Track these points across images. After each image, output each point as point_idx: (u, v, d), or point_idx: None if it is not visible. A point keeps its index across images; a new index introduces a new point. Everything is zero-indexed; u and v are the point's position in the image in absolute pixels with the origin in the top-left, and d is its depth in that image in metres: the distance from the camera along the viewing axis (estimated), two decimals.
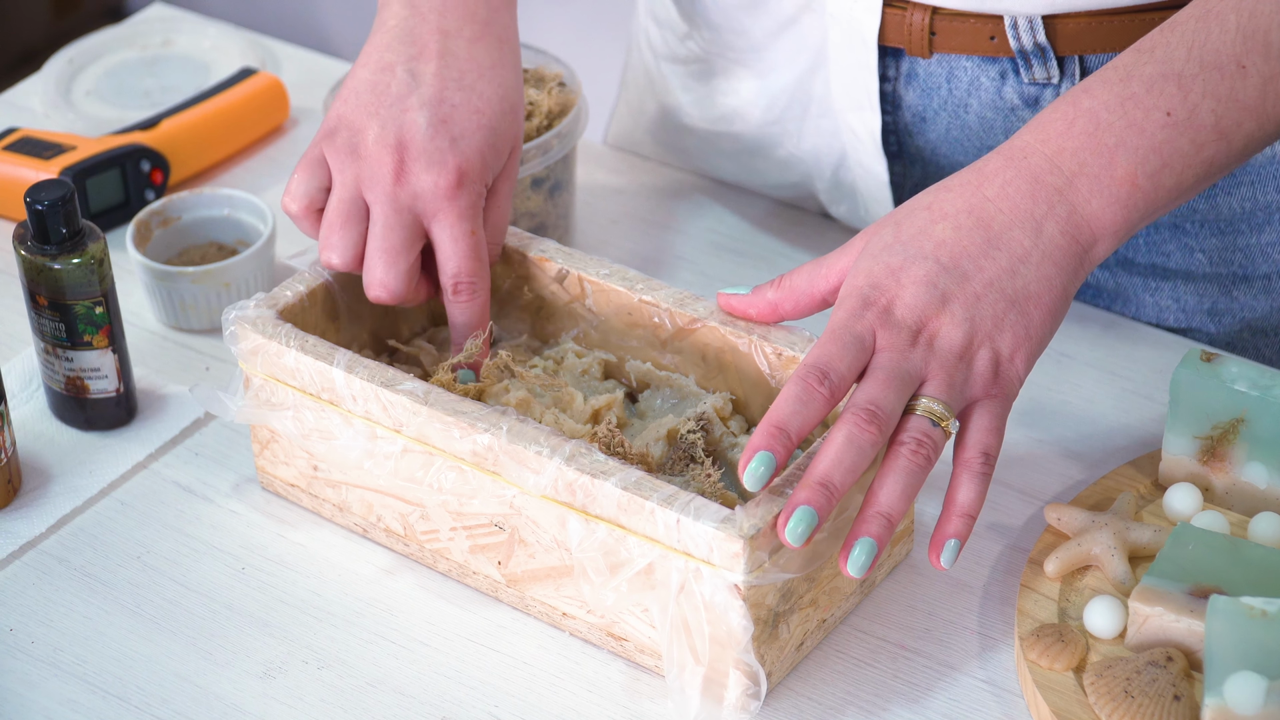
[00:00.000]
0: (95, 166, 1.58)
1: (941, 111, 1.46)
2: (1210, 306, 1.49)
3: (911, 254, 1.19)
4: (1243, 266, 1.48)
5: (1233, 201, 1.45)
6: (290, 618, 1.28)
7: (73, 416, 1.42)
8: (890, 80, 1.47)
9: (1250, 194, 1.44)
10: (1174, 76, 1.21)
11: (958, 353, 1.18)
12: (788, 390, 1.15)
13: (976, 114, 1.45)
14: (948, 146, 1.48)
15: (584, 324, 1.37)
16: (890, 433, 1.16)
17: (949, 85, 1.45)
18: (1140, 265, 1.49)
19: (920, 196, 1.23)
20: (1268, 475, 1.27)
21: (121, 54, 1.79)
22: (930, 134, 1.48)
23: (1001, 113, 1.44)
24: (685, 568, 1.17)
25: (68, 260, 1.35)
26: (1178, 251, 1.48)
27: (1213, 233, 1.46)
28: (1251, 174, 1.43)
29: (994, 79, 1.43)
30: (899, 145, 1.50)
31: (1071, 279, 1.21)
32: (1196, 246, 1.47)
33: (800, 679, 1.23)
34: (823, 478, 1.13)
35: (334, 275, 1.35)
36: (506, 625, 1.27)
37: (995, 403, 1.19)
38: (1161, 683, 1.16)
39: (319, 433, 1.31)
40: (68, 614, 1.29)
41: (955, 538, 1.17)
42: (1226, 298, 1.49)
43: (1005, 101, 1.44)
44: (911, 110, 1.47)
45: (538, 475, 1.20)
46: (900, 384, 1.16)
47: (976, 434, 1.18)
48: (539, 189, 1.51)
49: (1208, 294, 1.49)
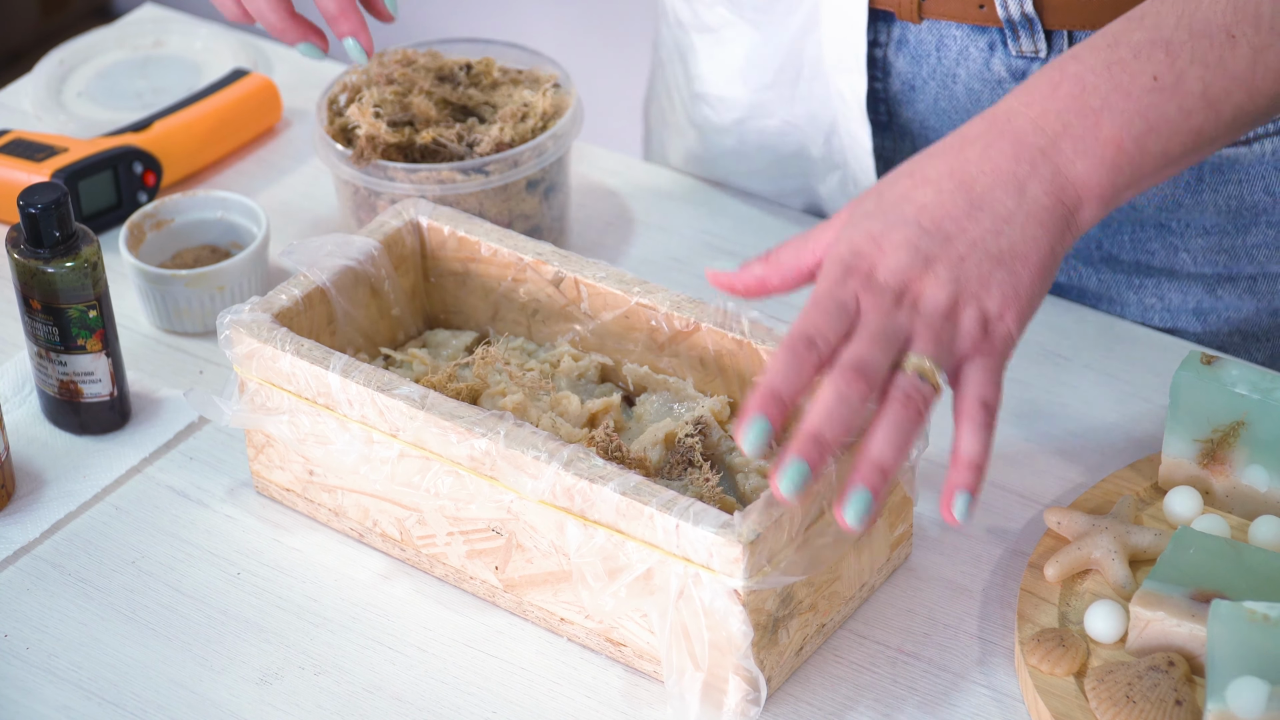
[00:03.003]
0: (87, 169, 1.58)
1: (930, 80, 1.46)
2: (1195, 306, 1.49)
3: (893, 220, 1.19)
4: (1228, 267, 1.48)
5: (1219, 199, 1.45)
6: (286, 623, 1.28)
7: (66, 421, 1.41)
8: (882, 46, 1.47)
9: (1236, 193, 1.44)
10: (1162, 43, 1.21)
11: (943, 312, 1.17)
12: (775, 358, 1.14)
13: (964, 85, 1.45)
14: (936, 118, 1.48)
15: (580, 327, 1.37)
16: (878, 388, 1.15)
17: (938, 54, 1.45)
18: (1125, 263, 1.49)
19: (903, 165, 1.23)
20: (1268, 478, 1.27)
21: (113, 55, 1.78)
22: (919, 104, 1.48)
23: (989, 85, 1.44)
24: (684, 573, 1.17)
25: (61, 264, 1.35)
26: (1163, 250, 1.48)
27: (1199, 232, 1.46)
28: (1239, 172, 1.43)
29: (982, 49, 1.44)
30: (889, 115, 1.50)
31: (1058, 240, 1.20)
32: (1182, 246, 1.47)
33: (800, 684, 1.23)
34: (813, 431, 1.12)
35: (330, 279, 1.35)
36: (504, 630, 1.27)
37: (988, 359, 1.18)
38: (1163, 687, 1.16)
39: (314, 437, 1.30)
40: (62, 620, 1.29)
41: (964, 489, 1.16)
42: (1212, 297, 1.49)
43: (993, 74, 1.44)
44: (901, 78, 1.48)
45: (535, 480, 1.20)
46: (885, 343, 1.15)
47: (972, 387, 1.17)
48: (534, 191, 1.51)
49: (1192, 293, 1.49)
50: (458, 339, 1.41)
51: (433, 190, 1.47)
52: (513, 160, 1.48)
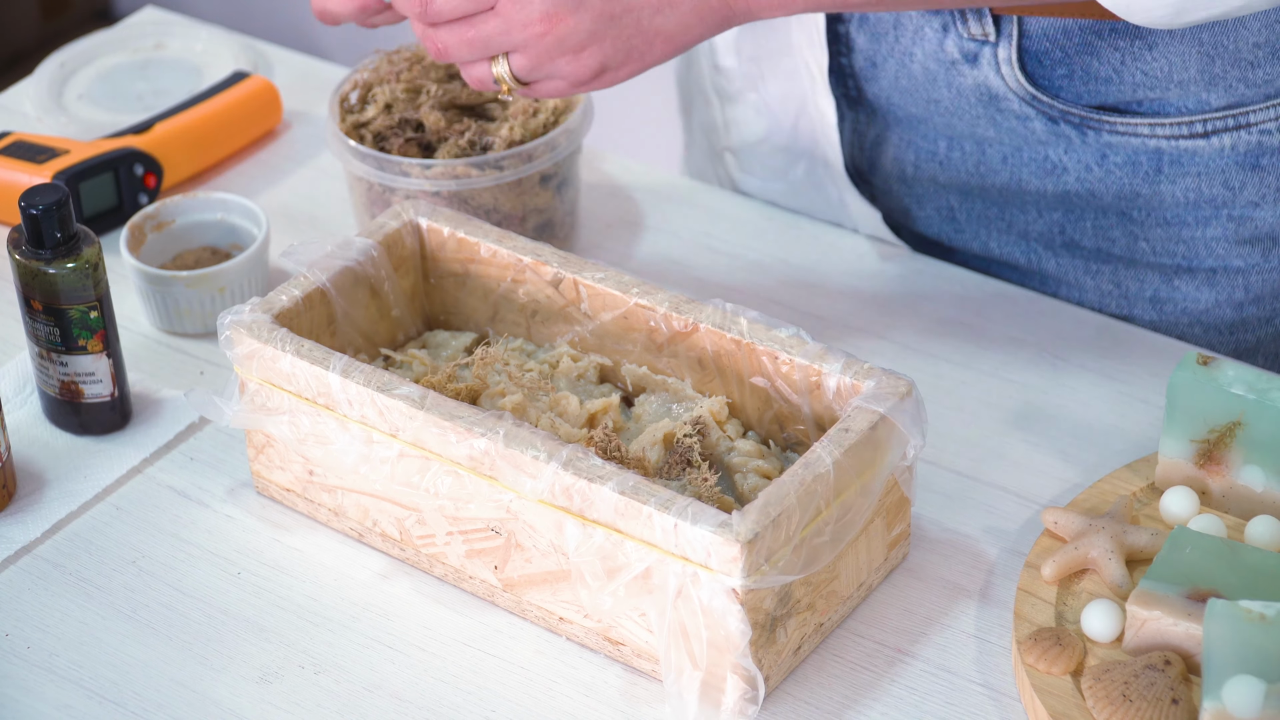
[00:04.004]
0: (88, 170, 1.58)
1: (889, 58, 1.48)
2: (1152, 294, 1.50)
3: None
4: (1186, 259, 1.48)
5: (1176, 190, 1.45)
6: (286, 622, 1.28)
7: (67, 421, 1.41)
8: (845, 21, 1.49)
9: (1195, 185, 1.45)
10: None
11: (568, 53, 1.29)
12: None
13: (920, 64, 1.46)
14: (899, 96, 1.49)
15: (579, 328, 1.37)
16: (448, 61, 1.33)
17: (895, 32, 1.47)
18: (1086, 249, 1.50)
19: None
20: (1265, 478, 1.27)
21: (114, 57, 1.79)
22: (882, 80, 1.50)
23: (944, 65, 1.45)
24: (683, 572, 1.17)
25: (62, 265, 1.35)
26: (1123, 238, 1.49)
27: (1158, 222, 1.47)
28: (1197, 165, 1.44)
29: (936, 30, 1.45)
30: (858, 91, 1.52)
31: (707, 34, 1.30)
32: (1141, 235, 1.48)
33: (798, 683, 1.23)
34: None
35: (330, 280, 1.35)
36: (503, 630, 1.27)
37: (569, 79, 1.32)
38: (1159, 686, 1.16)
39: (315, 437, 1.30)
40: (63, 619, 1.29)
41: None
42: (1168, 286, 1.50)
43: (946, 55, 1.45)
44: (863, 55, 1.49)
45: (534, 480, 1.20)
46: (483, 48, 1.30)
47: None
48: (547, 185, 1.51)
49: (1149, 281, 1.50)
50: (457, 340, 1.41)
51: (447, 185, 1.47)
52: (526, 155, 1.49)
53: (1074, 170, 1.47)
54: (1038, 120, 1.45)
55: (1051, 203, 1.49)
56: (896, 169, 1.54)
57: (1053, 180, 1.48)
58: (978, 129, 1.48)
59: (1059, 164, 1.47)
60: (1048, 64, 1.43)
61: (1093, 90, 1.43)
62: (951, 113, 1.47)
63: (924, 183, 1.53)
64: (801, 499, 1.17)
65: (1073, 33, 1.41)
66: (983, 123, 1.47)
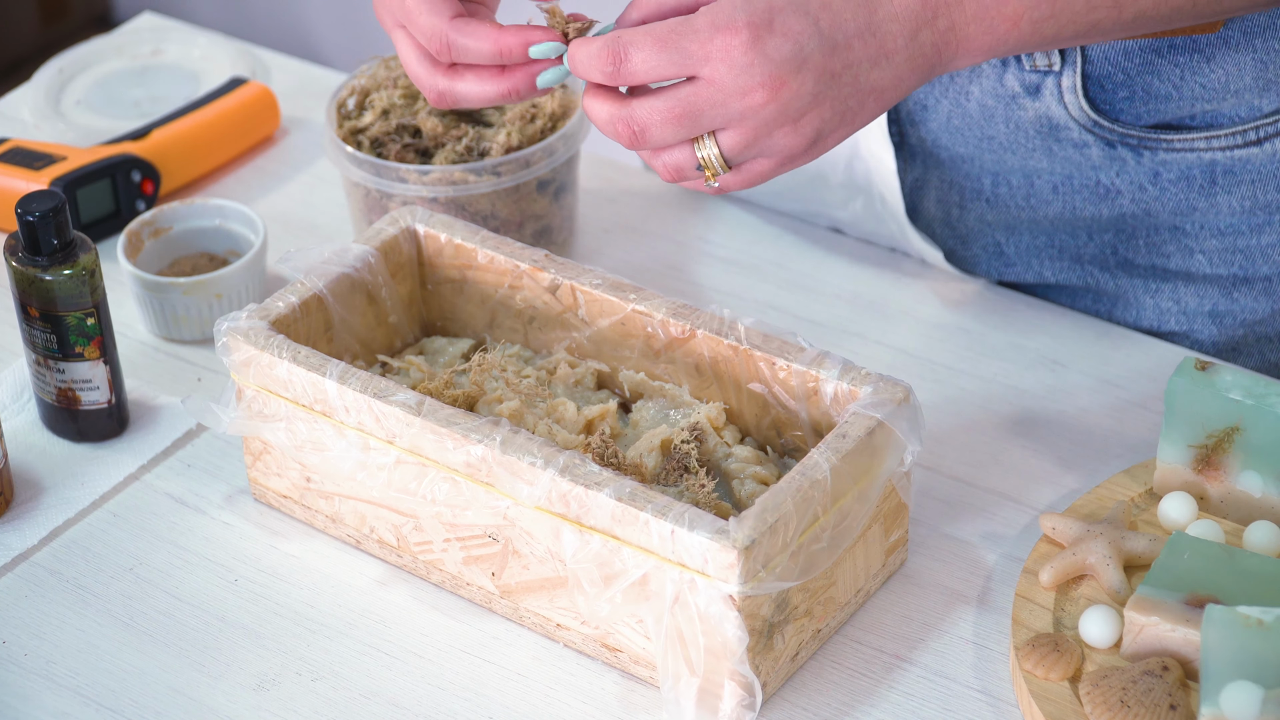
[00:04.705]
0: (86, 177, 1.58)
1: (943, 99, 1.46)
2: (1211, 309, 1.49)
3: (798, 2, 1.19)
4: (1243, 268, 1.48)
5: (1232, 200, 1.45)
6: (283, 629, 1.28)
7: (64, 428, 1.41)
8: None
9: (1250, 193, 1.44)
10: None
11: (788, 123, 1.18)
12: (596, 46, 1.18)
13: (978, 101, 1.45)
14: (948, 136, 1.48)
15: (577, 334, 1.37)
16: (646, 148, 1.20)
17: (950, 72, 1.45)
18: (1140, 267, 1.49)
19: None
20: (1263, 484, 1.27)
21: (111, 64, 1.79)
22: (931, 123, 1.48)
23: (1003, 100, 1.44)
24: (680, 579, 1.17)
25: (59, 271, 1.35)
26: (1177, 253, 1.48)
27: (1212, 233, 1.46)
28: (1251, 172, 1.43)
29: (995, 65, 1.43)
30: (900, 136, 1.50)
31: (915, 86, 1.23)
32: (1196, 247, 1.47)
33: (795, 690, 1.23)
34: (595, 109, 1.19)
35: (327, 286, 1.35)
36: (500, 636, 1.27)
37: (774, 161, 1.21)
38: (1157, 692, 1.16)
39: (312, 444, 1.30)
40: (60, 626, 1.29)
41: None
42: (1227, 299, 1.49)
43: (1006, 89, 1.44)
44: (913, 97, 1.48)
45: (531, 486, 1.20)
46: (690, 125, 1.18)
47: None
48: (544, 191, 1.51)
49: (1208, 296, 1.49)
50: (454, 346, 1.41)
51: (445, 192, 1.47)
52: (524, 161, 1.49)
53: (1127, 192, 1.45)
54: (1095, 146, 1.44)
55: (1104, 225, 1.48)
56: (941, 211, 1.53)
57: (1107, 205, 1.46)
58: (1030, 161, 1.46)
59: (1111, 187, 1.46)
60: (1109, 87, 1.42)
61: (1152, 109, 1.42)
62: (1005, 148, 1.46)
63: (969, 223, 1.52)
64: (799, 505, 1.17)
65: (1133, 53, 1.40)
66: (1037, 154, 1.46)
